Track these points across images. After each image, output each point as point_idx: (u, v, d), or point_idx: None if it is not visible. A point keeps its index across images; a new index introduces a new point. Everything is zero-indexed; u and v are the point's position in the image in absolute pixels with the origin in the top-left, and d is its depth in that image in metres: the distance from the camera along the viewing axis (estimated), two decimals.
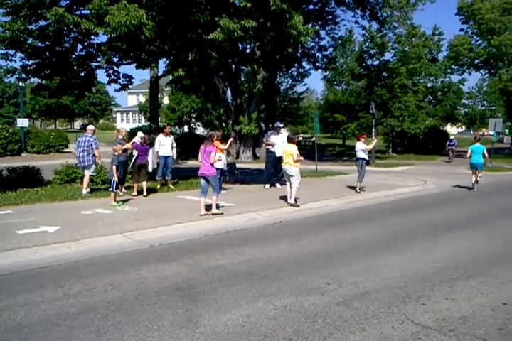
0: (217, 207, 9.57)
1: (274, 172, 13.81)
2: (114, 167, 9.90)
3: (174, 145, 13.10)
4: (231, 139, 12.65)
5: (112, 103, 76.62)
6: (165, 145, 12.86)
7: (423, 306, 4.64)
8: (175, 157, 13.58)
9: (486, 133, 66.82)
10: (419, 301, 4.77)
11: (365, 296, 4.91)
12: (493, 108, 53.57)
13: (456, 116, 43.94)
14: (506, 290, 5.10)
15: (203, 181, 9.41)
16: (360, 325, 4.19)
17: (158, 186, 12.82)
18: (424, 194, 13.47)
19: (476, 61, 33.20)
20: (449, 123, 49.21)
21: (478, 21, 29.74)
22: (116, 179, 9.91)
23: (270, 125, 17.05)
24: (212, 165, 9.18)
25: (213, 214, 9.25)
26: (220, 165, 12.28)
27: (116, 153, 10.07)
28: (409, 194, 13.32)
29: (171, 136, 13.40)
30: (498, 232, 8.17)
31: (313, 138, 21.40)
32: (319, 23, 21.30)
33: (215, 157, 9.20)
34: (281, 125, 14.34)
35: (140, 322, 4.23)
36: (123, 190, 11.84)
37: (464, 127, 68.81)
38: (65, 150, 30.54)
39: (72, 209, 9.65)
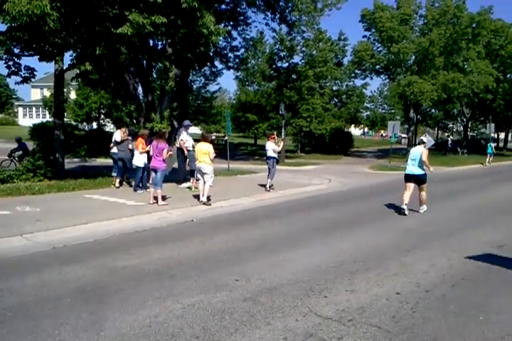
0: (164, 198, 10.39)
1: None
2: None
3: None
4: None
5: (14, 97, 71.50)
6: None
7: (325, 298, 4.90)
8: None
9: (384, 134, 71.35)
10: (321, 294, 5.03)
11: (271, 291, 5.08)
12: (393, 111, 57.32)
13: (359, 119, 46.59)
14: (399, 281, 5.53)
15: (153, 174, 10.36)
16: (266, 320, 4.34)
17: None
18: (329, 192, 14.11)
19: (378, 66, 35.16)
20: (353, 125, 52.07)
21: (380, 29, 31.55)
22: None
23: (179, 123, 16.81)
24: (163, 160, 10.23)
25: (159, 205, 10.00)
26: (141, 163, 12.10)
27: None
28: (315, 192, 13.88)
29: None
30: (393, 227, 8.79)
31: (226, 137, 21.44)
32: (231, 23, 21.38)
33: (167, 154, 10.30)
34: (190, 123, 14.22)
35: (40, 328, 4.04)
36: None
37: (366, 129, 73.06)
38: None
39: None
